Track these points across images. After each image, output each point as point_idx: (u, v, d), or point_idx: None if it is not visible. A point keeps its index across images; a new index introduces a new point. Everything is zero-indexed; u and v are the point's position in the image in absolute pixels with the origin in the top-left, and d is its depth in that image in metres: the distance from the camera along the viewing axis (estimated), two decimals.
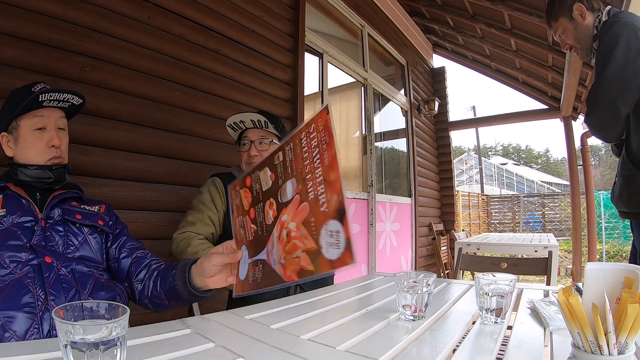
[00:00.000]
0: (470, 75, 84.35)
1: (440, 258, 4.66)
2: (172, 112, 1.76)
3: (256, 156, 1.46)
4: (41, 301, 0.83)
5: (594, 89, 1.31)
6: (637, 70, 1.22)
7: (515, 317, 0.87)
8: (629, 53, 1.24)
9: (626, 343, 0.41)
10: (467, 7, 3.95)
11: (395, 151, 4.64)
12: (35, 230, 0.91)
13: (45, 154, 0.99)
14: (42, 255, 0.88)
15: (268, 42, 2.33)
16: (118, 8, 1.57)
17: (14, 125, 0.98)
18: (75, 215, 1.00)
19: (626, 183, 1.33)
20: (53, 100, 0.99)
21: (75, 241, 0.97)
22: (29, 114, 0.98)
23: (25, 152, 0.98)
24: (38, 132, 0.98)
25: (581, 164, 4.93)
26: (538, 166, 34.36)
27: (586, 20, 1.43)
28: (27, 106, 0.96)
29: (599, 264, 0.45)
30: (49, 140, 0.99)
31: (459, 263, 1.74)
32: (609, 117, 1.28)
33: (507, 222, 12.16)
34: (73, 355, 0.44)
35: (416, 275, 0.84)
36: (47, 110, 1.00)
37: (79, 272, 0.93)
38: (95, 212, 1.05)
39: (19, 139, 0.98)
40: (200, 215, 1.40)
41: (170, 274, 0.90)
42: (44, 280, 0.85)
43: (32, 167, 0.98)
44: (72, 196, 1.04)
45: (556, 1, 1.49)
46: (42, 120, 0.99)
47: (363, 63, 3.55)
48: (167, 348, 0.62)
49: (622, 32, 1.26)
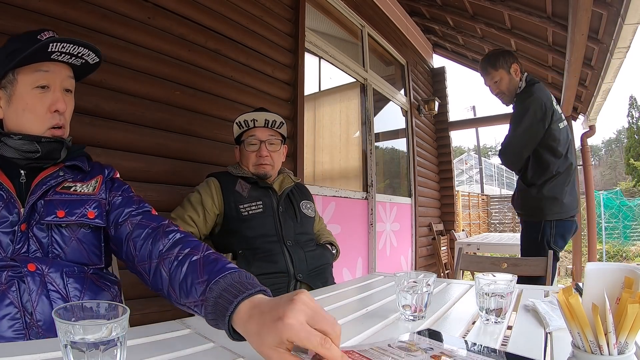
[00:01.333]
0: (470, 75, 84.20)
1: (440, 258, 4.66)
2: (172, 112, 1.76)
3: (267, 157, 1.46)
4: (29, 318, 0.71)
5: (509, 140, 1.99)
6: (537, 131, 1.90)
7: (515, 317, 0.87)
8: (535, 119, 1.89)
9: (626, 343, 0.41)
10: (467, 7, 3.95)
11: (395, 151, 4.64)
12: (15, 232, 0.75)
13: (45, 120, 0.81)
14: (24, 263, 0.73)
15: (268, 42, 2.33)
16: (118, 8, 1.57)
17: (10, 79, 0.79)
18: (58, 212, 0.79)
19: (520, 194, 2.07)
20: (65, 53, 0.79)
21: (62, 245, 0.80)
22: (30, 67, 0.79)
23: (20, 115, 0.79)
24: (39, 91, 0.80)
25: (581, 164, 4.93)
26: None
27: (517, 77, 2.02)
28: (31, 56, 0.76)
29: (599, 264, 0.45)
30: (52, 102, 0.81)
31: (459, 263, 1.74)
32: (517, 158, 1.99)
33: (507, 222, 12.15)
34: (73, 355, 0.44)
35: (416, 275, 0.83)
36: (54, 65, 0.81)
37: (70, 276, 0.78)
38: (90, 193, 0.85)
39: (14, 97, 0.79)
40: (182, 212, 1.38)
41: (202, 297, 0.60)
42: (29, 292, 0.72)
43: (16, 137, 0.78)
44: (64, 175, 0.84)
45: (501, 57, 2.04)
46: (46, 77, 0.80)
47: (363, 63, 3.55)
48: (167, 348, 0.62)
49: (531, 105, 1.90)
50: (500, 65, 2.01)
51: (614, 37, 2.69)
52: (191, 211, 1.38)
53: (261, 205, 1.40)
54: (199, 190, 1.42)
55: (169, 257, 0.71)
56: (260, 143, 1.46)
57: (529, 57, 4.28)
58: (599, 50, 3.17)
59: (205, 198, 1.39)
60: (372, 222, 3.41)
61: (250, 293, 0.54)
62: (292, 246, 1.37)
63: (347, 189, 3.21)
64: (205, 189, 1.42)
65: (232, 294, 0.55)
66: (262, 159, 1.45)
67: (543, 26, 3.42)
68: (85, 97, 1.41)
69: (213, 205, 1.39)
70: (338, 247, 1.60)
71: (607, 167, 29.10)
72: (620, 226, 8.79)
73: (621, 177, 25.77)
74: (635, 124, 20.37)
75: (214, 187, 1.42)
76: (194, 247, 0.71)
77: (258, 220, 1.38)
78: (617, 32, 2.58)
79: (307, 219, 1.51)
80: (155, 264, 0.73)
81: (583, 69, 3.41)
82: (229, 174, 1.48)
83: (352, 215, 3.17)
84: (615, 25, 2.61)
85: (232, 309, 0.53)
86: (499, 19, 3.84)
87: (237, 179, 1.45)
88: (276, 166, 1.51)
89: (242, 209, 1.38)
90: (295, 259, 1.35)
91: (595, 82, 3.70)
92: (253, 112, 1.51)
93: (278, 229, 1.39)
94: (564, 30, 3.12)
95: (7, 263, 0.72)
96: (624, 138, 26.58)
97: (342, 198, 3.01)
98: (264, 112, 1.50)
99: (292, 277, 1.33)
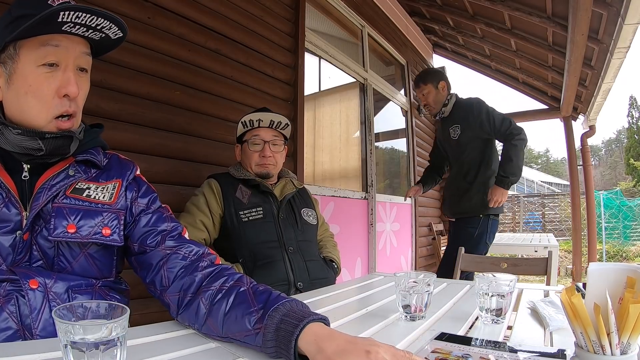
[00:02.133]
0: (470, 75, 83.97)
1: (440, 258, 4.66)
2: (172, 112, 1.76)
3: (271, 157, 1.45)
4: (29, 336, 0.65)
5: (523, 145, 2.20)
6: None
7: (515, 317, 0.87)
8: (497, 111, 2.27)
9: (629, 343, 0.41)
10: (467, 7, 3.95)
11: (395, 151, 4.63)
12: (15, 240, 0.65)
13: (52, 106, 0.67)
14: (25, 278, 0.64)
15: (268, 42, 2.33)
16: (118, 8, 1.56)
17: (10, 53, 0.64)
18: (68, 226, 0.67)
19: (465, 194, 2.32)
20: (80, 25, 0.63)
21: (70, 259, 0.70)
22: (37, 39, 0.64)
23: (22, 100, 0.65)
24: (47, 70, 0.65)
25: (581, 164, 4.94)
26: (538, 166, 34.35)
27: (444, 92, 2.38)
28: (37, 26, 0.60)
29: (601, 264, 0.45)
30: (62, 84, 0.66)
31: (459, 263, 1.74)
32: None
33: (507, 222, 12.15)
34: (73, 355, 0.44)
35: (416, 275, 0.83)
36: (66, 39, 0.66)
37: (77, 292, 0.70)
38: (106, 202, 0.73)
39: (14, 75, 0.65)
40: (192, 219, 1.35)
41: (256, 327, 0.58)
42: (30, 312, 0.64)
43: (15, 132, 0.65)
44: (75, 175, 0.71)
45: (430, 74, 2.47)
46: (56, 52, 0.65)
47: (363, 63, 3.54)
48: (167, 348, 0.62)
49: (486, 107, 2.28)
50: (429, 80, 2.40)
51: (614, 37, 2.70)
52: (201, 215, 1.35)
53: (261, 211, 1.38)
54: (203, 192, 1.40)
55: (210, 290, 0.66)
56: (264, 143, 1.45)
57: (529, 57, 4.28)
58: (599, 50, 3.17)
59: (210, 199, 1.38)
60: (372, 222, 3.41)
61: (313, 319, 0.56)
62: (293, 253, 1.36)
63: (347, 188, 3.20)
64: (207, 190, 1.40)
65: (296, 319, 0.56)
66: (266, 159, 1.44)
67: (543, 26, 3.42)
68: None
69: (217, 206, 1.38)
70: (339, 263, 1.58)
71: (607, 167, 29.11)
72: (620, 226, 8.79)
73: (621, 177, 25.79)
74: (635, 124, 20.39)
75: (215, 189, 1.40)
76: (239, 279, 0.68)
77: (258, 226, 1.36)
78: (617, 32, 2.58)
79: (309, 226, 1.49)
80: (190, 297, 0.67)
81: (583, 69, 3.41)
82: (230, 176, 1.46)
83: (352, 215, 3.17)
84: (615, 25, 2.61)
85: (298, 332, 0.53)
86: (499, 19, 3.84)
87: (238, 184, 1.43)
88: (278, 166, 1.51)
89: (242, 214, 1.36)
90: (296, 267, 1.33)
91: (595, 82, 3.70)
92: (258, 112, 1.49)
93: (279, 234, 1.37)
94: (564, 30, 3.12)
95: (7, 277, 0.64)
96: (624, 138, 26.61)
97: (341, 198, 3.01)
98: (269, 112, 1.49)
99: (292, 285, 1.31)
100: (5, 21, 0.65)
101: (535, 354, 0.57)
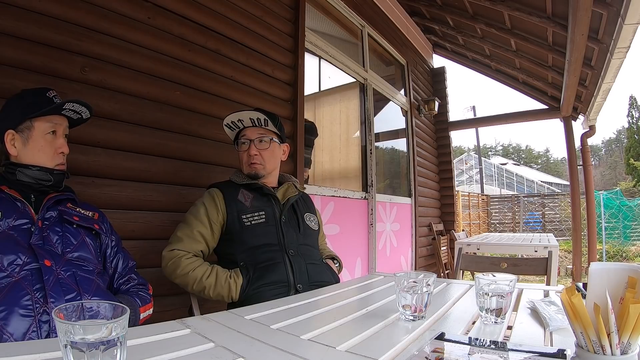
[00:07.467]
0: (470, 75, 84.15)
1: (440, 258, 4.66)
2: (172, 112, 1.76)
3: (256, 155, 1.44)
4: (39, 304, 0.83)
5: None
6: None
7: (515, 317, 0.87)
8: None
9: (629, 343, 0.41)
10: (467, 7, 3.95)
11: (395, 151, 4.63)
12: (32, 231, 0.91)
13: (54, 159, 1.04)
14: (41, 257, 0.88)
15: (268, 42, 2.33)
16: (118, 8, 1.56)
17: (28, 125, 1.00)
18: (73, 216, 1.02)
19: None
20: (71, 110, 1.05)
21: (73, 240, 0.99)
22: (45, 118, 1.01)
23: (34, 154, 1.00)
24: (50, 137, 1.02)
25: (581, 164, 4.94)
26: (538, 166, 34.39)
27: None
28: (49, 111, 1.00)
29: (602, 263, 0.45)
30: (59, 146, 1.04)
31: (459, 263, 1.74)
32: None
33: (507, 222, 12.15)
34: (73, 355, 0.44)
35: (416, 275, 0.83)
36: (59, 118, 1.05)
37: (81, 276, 0.94)
38: (90, 216, 1.09)
39: (30, 140, 1.00)
40: (189, 230, 1.34)
41: None
42: (43, 283, 0.85)
43: (34, 168, 1.00)
44: (67, 198, 1.07)
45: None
46: (55, 126, 1.03)
47: (363, 63, 3.54)
48: (167, 348, 0.62)
49: None
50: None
51: (614, 37, 2.69)
52: (199, 226, 1.34)
53: (263, 215, 1.38)
54: (204, 202, 1.39)
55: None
56: (249, 142, 1.44)
57: (529, 57, 4.28)
58: (599, 50, 3.17)
59: (211, 210, 1.36)
60: (372, 222, 3.41)
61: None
62: (294, 256, 1.35)
63: (347, 188, 3.20)
64: (209, 201, 1.38)
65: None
66: (252, 157, 1.43)
67: (543, 26, 3.42)
68: (85, 98, 1.40)
69: (218, 216, 1.37)
70: (340, 261, 1.58)
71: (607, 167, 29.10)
72: (620, 226, 8.79)
73: (621, 177, 25.77)
74: (635, 124, 20.36)
75: (217, 198, 1.39)
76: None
77: (260, 230, 1.36)
78: (617, 32, 2.58)
79: (310, 231, 1.49)
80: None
81: (583, 69, 3.41)
82: (232, 182, 1.46)
83: (352, 215, 3.17)
84: (615, 25, 2.61)
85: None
86: (499, 19, 3.84)
87: (240, 188, 1.43)
88: (267, 165, 1.47)
89: (245, 218, 1.36)
90: (296, 269, 1.33)
91: (595, 82, 3.70)
92: (236, 112, 1.46)
93: (280, 238, 1.37)
94: (564, 30, 3.12)
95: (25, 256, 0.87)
96: (624, 138, 26.59)
97: (341, 198, 3.01)
98: (246, 111, 1.47)
99: (292, 287, 1.30)
100: (21, 106, 1.00)
101: (536, 354, 0.57)
